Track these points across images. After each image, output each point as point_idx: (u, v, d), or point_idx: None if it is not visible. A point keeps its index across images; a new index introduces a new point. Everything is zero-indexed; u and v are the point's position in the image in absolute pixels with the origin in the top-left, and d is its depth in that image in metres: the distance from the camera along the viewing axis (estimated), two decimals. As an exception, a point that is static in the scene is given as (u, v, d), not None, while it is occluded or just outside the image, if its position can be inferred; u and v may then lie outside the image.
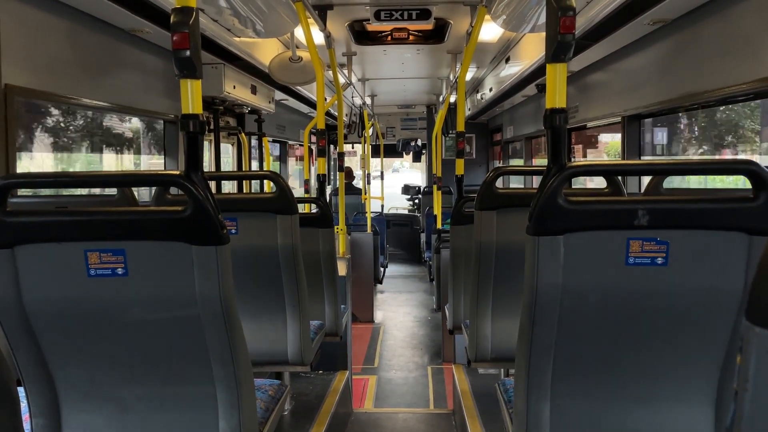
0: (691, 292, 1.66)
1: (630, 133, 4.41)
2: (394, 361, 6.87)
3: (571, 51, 1.62)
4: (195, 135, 1.67)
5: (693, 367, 1.74)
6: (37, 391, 1.80)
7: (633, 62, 4.25)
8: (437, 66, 7.87)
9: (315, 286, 3.51)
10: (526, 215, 1.68)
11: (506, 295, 2.87)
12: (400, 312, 9.01)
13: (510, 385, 2.37)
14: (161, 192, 2.79)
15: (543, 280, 1.66)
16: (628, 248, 1.63)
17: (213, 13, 3.88)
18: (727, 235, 1.61)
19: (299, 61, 5.13)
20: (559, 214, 1.62)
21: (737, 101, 3.44)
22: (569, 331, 1.71)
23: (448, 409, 5.16)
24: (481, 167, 12.35)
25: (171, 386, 1.81)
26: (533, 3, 3.67)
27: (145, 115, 4.30)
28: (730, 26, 3.02)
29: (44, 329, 1.73)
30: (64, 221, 1.65)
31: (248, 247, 2.74)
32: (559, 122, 1.66)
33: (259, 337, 2.86)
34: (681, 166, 1.90)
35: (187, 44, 1.58)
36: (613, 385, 1.78)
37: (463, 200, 3.67)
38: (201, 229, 1.63)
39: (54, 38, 3.15)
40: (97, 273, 1.66)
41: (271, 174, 2.83)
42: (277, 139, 8.54)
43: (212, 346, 1.73)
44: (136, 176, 2.22)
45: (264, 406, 2.24)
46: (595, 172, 2.23)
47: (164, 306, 1.71)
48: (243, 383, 1.79)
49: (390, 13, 4.83)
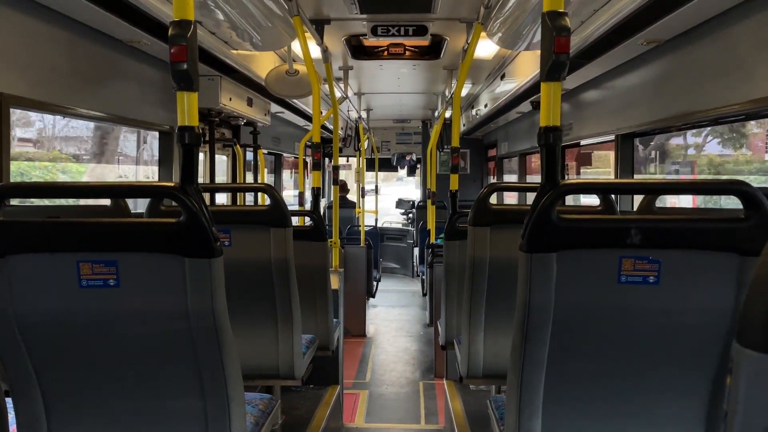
0: (682, 312, 1.67)
1: (623, 151, 4.43)
2: (386, 376, 6.84)
3: (565, 70, 1.64)
4: (190, 147, 1.67)
5: (684, 386, 1.74)
6: (26, 402, 1.78)
7: (627, 81, 4.29)
8: (433, 81, 7.91)
9: (307, 299, 3.50)
10: (520, 232, 1.69)
11: (499, 312, 2.87)
12: (393, 326, 8.98)
13: (502, 402, 2.37)
14: (155, 203, 2.78)
15: (535, 297, 1.66)
16: (620, 266, 1.64)
17: (211, 25, 3.90)
18: (718, 256, 1.62)
19: (296, 74, 5.15)
20: (552, 232, 1.63)
21: (729, 121, 3.47)
22: (561, 348, 1.71)
23: (440, 425, 5.13)
24: (475, 183, 12.38)
25: (161, 399, 1.79)
26: (528, 21, 3.70)
27: (140, 126, 4.30)
28: (724, 47, 3.05)
29: (34, 339, 1.72)
30: (57, 231, 1.64)
31: (241, 260, 2.74)
32: (553, 140, 1.67)
33: (250, 351, 2.85)
34: (674, 185, 1.92)
35: (184, 57, 1.58)
36: (604, 403, 1.78)
37: (457, 215, 3.68)
38: (194, 242, 1.62)
39: (51, 48, 3.15)
40: (88, 284, 1.65)
41: (266, 187, 2.83)
42: (272, 151, 8.55)
43: (203, 359, 1.72)
44: (130, 187, 2.22)
45: (254, 420, 2.23)
46: (588, 190, 2.24)
47: (155, 318, 1.70)
48: (233, 397, 1.78)
49: (387, 28, 4.85)
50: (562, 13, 1.62)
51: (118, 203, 2.62)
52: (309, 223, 3.67)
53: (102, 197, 2.46)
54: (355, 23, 5.01)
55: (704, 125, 3.83)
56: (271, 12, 3.89)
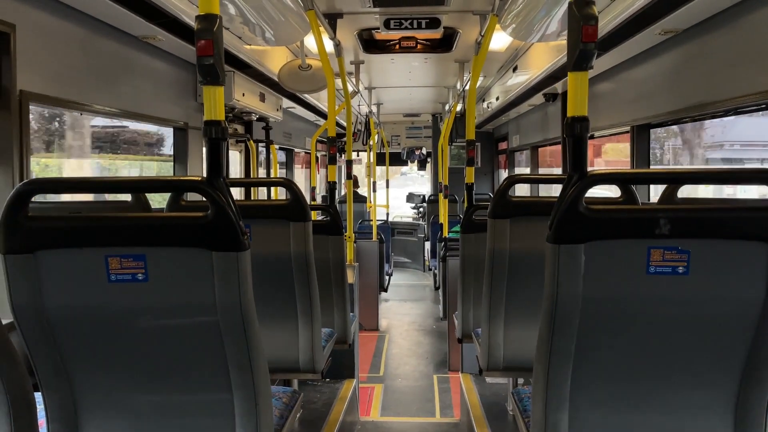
0: (712, 302, 1.65)
1: (639, 142, 4.41)
2: (400, 370, 6.85)
3: (593, 59, 1.62)
4: (217, 141, 1.68)
5: (713, 376, 1.73)
6: (55, 396, 1.80)
7: (643, 72, 4.26)
8: (444, 75, 7.89)
9: (325, 293, 3.50)
10: (540, 223, 1.68)
11: (519, 304, 2.86)
12: (405, 320, 9.00)
13: (525, 394, 2.36)
14: (175, 198, 2.79)
15: (563, 289, 1.65)
16: (649, 257, 1.63)
17: (224, 20, 3.89)
18: (748, 245, 1.61)
19: (309, 69, 5.15)
20: (580, 223, 1.62)
21: (746, 111, 3.44)
22: (589, 339, 1.70)
23: (455, 419, 5.13)
24: (486, 176, 12.35)
25: (189, 393, 1.80)
26: (543, 13, 3.68)
27: (155, 122, 4.32)
28: (741, 37, 3.02)
29: (63, 335, 1.73)
30: (85, 226, 1.65)
31: (261, 254, 2.74)
32: (580, 130, 1.66)
33: (271, 344, 2.86)
34: (702, 174, 1.90)
35: (211, 51, 1.58)
36: (632, 395, 1.77)
37: (474, 208, 3.67)
38: (222, 236, 1.63)
39: (68, 45, 3.16)
40: (117, 278, 1.66)
41: (285, 181, 2.83)
42: (284, 146, 8.56)
43: (231, 353, 1.73)
44: (157, 182, 2.22)
45: (279, 413, 2.24)
46: (617, 179, 2.22)
47: (183, 312, 1.70)
48: (260, 391, 1.78)
49: (399, 21, 4.84)
50: (589, 1, 1.60)
51: (139, 198, 2.63)
52: (322, 217, 3.67)
53: (128, 192, 2.47)
54: (367, 17, 5.01)
55: (721, 116, 3.80)
56: (284, 6, 3.89)
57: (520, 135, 9.03)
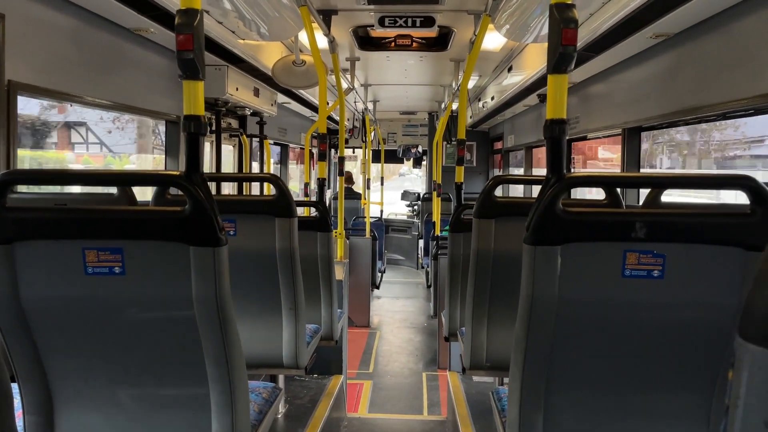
0: (686, 306, 1.66)
1: (630, 145, 4.42)
2: (390, 367, 6.87)
3: (572, 63, 1.63)
4: (196, 136, 1.68)
5: (687, 380, 1.74)
6: (31, 388, 1.80)
7: (634, 75, 4.27)
8: (440, 73, 7.89)
9: (312, 289, 3.51)
10: (524, 224, 1.69)
11: (503, 304, 2.87)
12: (397, 318, 9.01)
13: (504, 394, 2.37)
14: (161, 192, 2.79)
15: (539, 290, 1.66)
16: (624, 260, 1.64)
17: (218, 15, 3.90)
18: (723, 250, 1.62)
19: (302, 64, 5.15)
20: (556, 225, 1.62)
21: (737, 116, 3.45)
22: (564, 341, 1.71)
23: (442, 416, 5.15)
24: (481, 175, 12.36)
25: (165, 386, 1.81)
26: (536, 14, 3.68)
27: (146, 115, 4.31)
28: (732, 41, 3.03)
29: (40, 326, 1.73)
30: (63, 218, 1.65)
31: (246, 249, 2.74)
32: (559, 133, 1.67)
33: (255, 340, 2.86)
34: (680, 179, 1.91)
35: (191, 46, 1.58)
36: (607, 396, 1.78)
37: (462, 207, 3.67)
38: (199, 230, 1.63)
39: (59, 36, 3.15)
40: (94, 271, 1.66)
41: (271, 177, 2.83)
42: (278, 141, 8.55)
43: (207, 347, 1.73)
44: (136, 175, 2.22)
45: (257, 408, 2.24)
46: (593, 183, 2.23)
47: (160, 306, 1.71)
48: (237, 385, 1.79)
49: (394, 19, 4.83)
50: (569, 5, 1.61)
51: (125, 191, 2.63)
52: (314, 213, 3.68)
53: (108, 185, 2.47)
54: (362, 14, 5.00)
55: (711, 120, 3.81)
56: (278, 2, 3.88)
57: (515, 135, 9.04)
